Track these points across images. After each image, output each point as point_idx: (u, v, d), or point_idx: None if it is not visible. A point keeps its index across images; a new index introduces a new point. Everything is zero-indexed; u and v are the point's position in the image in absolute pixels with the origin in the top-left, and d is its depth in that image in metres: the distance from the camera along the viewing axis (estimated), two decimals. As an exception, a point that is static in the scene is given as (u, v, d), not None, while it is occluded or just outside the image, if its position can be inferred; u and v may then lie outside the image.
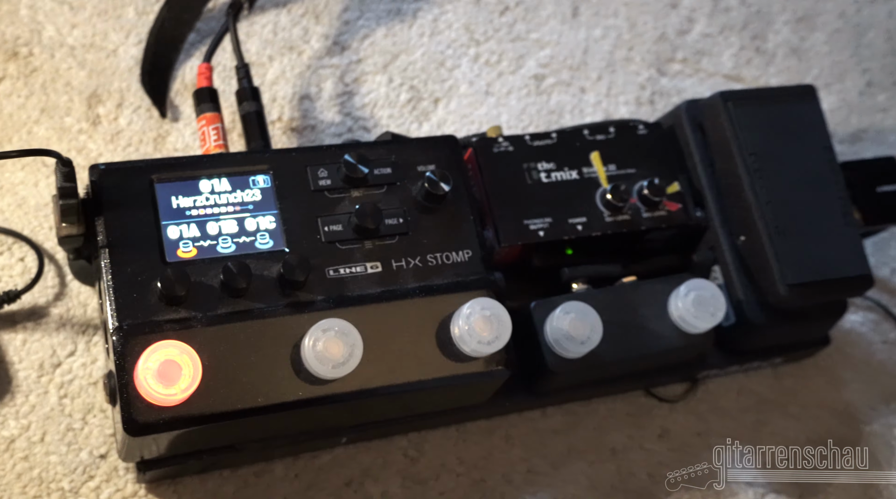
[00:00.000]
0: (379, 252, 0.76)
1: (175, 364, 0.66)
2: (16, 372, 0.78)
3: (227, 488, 0.79)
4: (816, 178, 0.88)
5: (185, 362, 0.67)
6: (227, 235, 0.74)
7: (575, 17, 1.07)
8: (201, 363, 0.67)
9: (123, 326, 0.68)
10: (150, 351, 0.66)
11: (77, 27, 0.91)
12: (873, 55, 1.17)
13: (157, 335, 0.69)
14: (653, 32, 1.09)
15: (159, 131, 0.89)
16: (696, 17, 1.12)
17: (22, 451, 0.76)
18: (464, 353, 0.74)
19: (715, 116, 0.88)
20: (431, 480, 0.84)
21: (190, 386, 0.67)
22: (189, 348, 0.67)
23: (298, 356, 0.70)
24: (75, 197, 0.70)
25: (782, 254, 0.84)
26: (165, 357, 0.66)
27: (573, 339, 0.78)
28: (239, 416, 0.69)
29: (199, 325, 0.70)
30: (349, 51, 0.98)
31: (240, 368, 0.70)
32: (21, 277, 0.81)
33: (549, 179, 0.85)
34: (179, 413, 0.67)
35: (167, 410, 0.67)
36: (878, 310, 1.03)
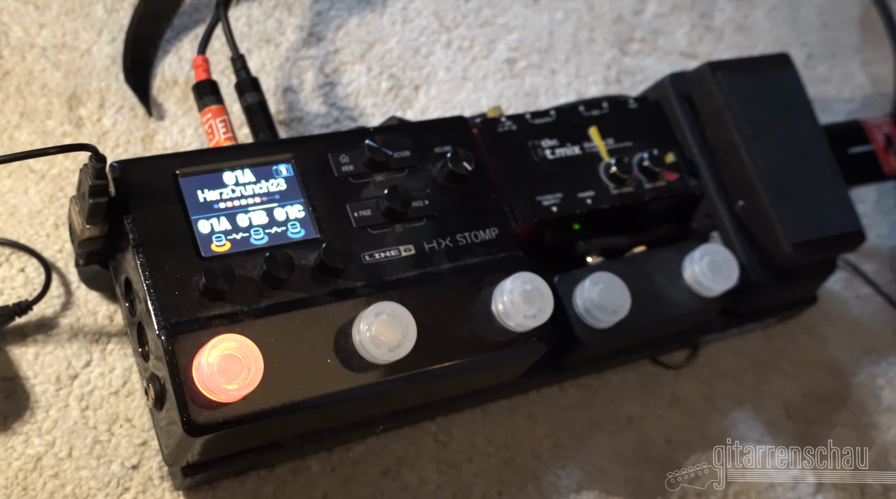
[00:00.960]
0: (410, 235, 0.75)
1: (236, 358, 0.64)
2: (32, 387, 0.74)
3: (266, 488, 0.76)
4: (804, 141, 0.91)
5: (245, 356, 0.64)
6: (258, 226, 0.71)
7: (537, 1, 1.08)
8: (262, 356, 0.65)
9: (170, 325, 0.65)
10: (210, 346, 0.64)
11: (45, 27, 0.87)
12: (809, 29, 1.22)
13: (207, 331, 0.66)
14: (610, 14, 1.11)
15: (146, 131, 0.85)
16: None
17: (51, 468, 0.72)
18: (507, 328, 0.74)
19: (704, 87, 0.90)
20: (465, 462, 0.83)
21: (253, 380, 0.64)
22: (249, 342, 0.65)
23: (349, 343, 0.69)
24: (106, 195, 0.66)
25: (784, 214, 0.86)
26: (226, 351, 0.64)
27: (604, 308, 0.79)
28: (301, 408, 0.67)
29: (246, 318, 0.67)
30: (325, 41, 0.96)
31: (294, 359, 0.68)
32: (24, 288, 0.76)
33: (553, 156, 0.86)
34: (241, 409, 0.65)
35: (228, 406, 0.65)
36: (847, 269, 1.07)
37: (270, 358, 0.66)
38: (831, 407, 0.99)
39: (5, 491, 0.70)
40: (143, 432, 0.75)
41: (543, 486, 0.85)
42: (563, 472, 0.86)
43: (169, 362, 0.65)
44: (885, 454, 0.99)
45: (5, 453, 0.71)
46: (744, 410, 0.95)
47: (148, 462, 0.74)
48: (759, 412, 0.95)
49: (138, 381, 0.77)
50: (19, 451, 0.72)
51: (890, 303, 1.08)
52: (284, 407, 0.66)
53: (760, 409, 0.96)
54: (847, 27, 1.26)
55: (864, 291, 1.08)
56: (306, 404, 0.67)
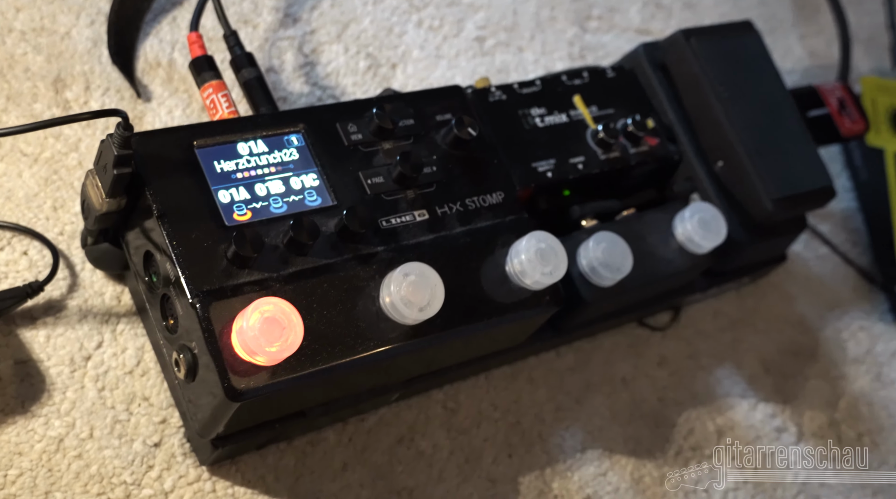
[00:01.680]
0: (422, 200, 0.76)
1: (276, 321, 0.64)
2: (47, 369, 0.72)
3: (286, 460, 0.76)
4: (773, 102, 0.95)
5: (285, 319, 0.64)
6: (276, 195, 0.71)
7: (498, -20, 1.10)
8: (301, 319, 0.65)
9: (202, 293, 0.65)
10: (252, 309, 0.63)
11: (22, 10, 0.85)
12: (749, 6, 1.28)
13: (240, 298, 0.66)
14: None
15: (134, 112, 0.84)
16: (600, -24, 1.17)
17: (74, 449, 0.70)
18: (523, 287, 0.75)
19: (679, 53, 0.93)
20: (473, 428, 0.84)
21: (293, 343, 0.64)
22: (288, 304, 0.65)
23: (376, 306, 0.69)
24: (130, 166, 0.66)
25: (763, 172, 0.90)
26: (267, 314, 0.63)
27: (609, 265, 0.81)
28: (337, 370, 0.67)
29: (276, 284, 0.67)
30: (301, 22, 0.96)
31: (327, 323, 0.68)
32: (29, 271, 0.75)
33: (543, 124, 0.88)
34: (280, 373, 0.65)
35: (266, 370, 0.65)
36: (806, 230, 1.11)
37: (306, 322, 0.66)
38: (803, 361, 1.03)
39: (31, 473, 0.69)
40: (162, 409, 0.74)
41: (549, 447, 0.86)
42: (567, 433, 0.87)
43: (205, 329, 0.64)
44: (855, 403, 1.04)
45: (27, 435, 0.70)
46: (726, 367, 0.98)
47: (169, 440, 0.73)
48: (740, 368, 0.99)
49: (152, 360, 0.75)
50: (40, 433, 0.70)
51: (846, 261, 1.13)
52: (322, 370, 0.67)
53: (741, 365, 0.99)
54: (782, 3, 1.31)
55: (822, 250, 1.12)
56: (342, 366, 0.67)
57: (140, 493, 0.71)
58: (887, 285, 1.13)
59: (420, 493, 0.80)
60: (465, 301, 0.73)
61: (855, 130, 1.07)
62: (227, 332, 0.65)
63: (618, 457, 0.88)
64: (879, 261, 1.14)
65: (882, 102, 1.19)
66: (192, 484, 0.73)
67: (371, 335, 0.69)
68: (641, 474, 0.89)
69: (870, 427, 1.03)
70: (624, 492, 0.87)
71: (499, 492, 0.82)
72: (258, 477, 0.75)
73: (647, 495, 0.88)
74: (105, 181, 0.67)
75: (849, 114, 1.07)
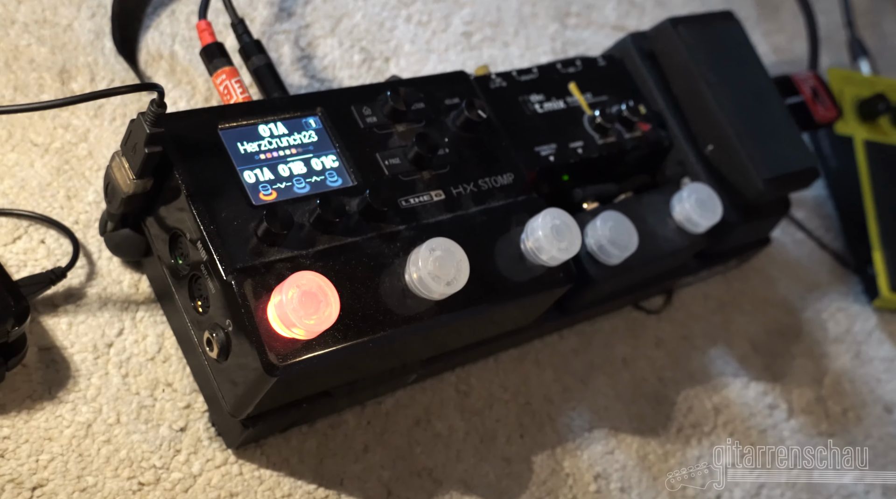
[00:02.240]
0: (437, 181, 0.77)
1: (314, 294, 0.64)
2: (70, 356, 0.72)
3: (309, 443, 0.76)
4: (757, 88, 0.98)
5: (322, 293, 0.65)
6: (298, 175, 0.72)
7: (480, -23, 1.12)
8: (337, 293, 0.65)
9: (236, 271, 0.65)
10: (290, 282, 0.64)
11: (23, 3, 0.84)
12: (715, 4, 1.31)
13: (273, 275, 0.66)
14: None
15: (140, 103, 0.84)
16: (575, -26, 1.20)
17: (102, 434, 0.70)
18: (539, 263, 0.77)
19: (668, 42, 0.96)
20: (486, 409, 0.85)
21: (331, 316, 0.65)
22: (325, 279, 0.65)
23: (402, 283, 0.70)
24: (161, 144, 0.66)
25: (753, 154, 0.92)
26: (305, 288, 0.64)
27: (617, 243, 0.83)
28: (371, 345, 0.68)
29: (306, 261, 0.68)
30: (296, 16, 0.97)
31: (358, 299, 0.69)
32: (47, 259, 0.74)
33: (542, 110, 0.90)
34: (316, 347, 0.65)
35: (303, 345, 0.65)
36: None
37: (344, 296, 0.67)
38: (789, 340, 1.06)
39: (62, 458, 0.68)
40: (185, 395, 0.74)
41: (559, 427, 0.88)
42: (574, 413, 0.89)
43: (242, 305, 0.65)
44: (838, 380, 1.07)
45: (55, 421, 0.69)
46: (718, 347, 1.01)
47: (194, 424, 0.73)
48: (731, 348, 1.02)
49: (172, 346, 0.75)
50: (69, 419, 0.69)
51: (821, 246, 1.17)
52: (355, 345, 0.67)
53: (731, 345, 1.02)
54: (745, 2, 1.36)
55: (799, 236, 1.16)
56: (375, 341, 0.68)
57: (169, 476, 0.71)
58: (860, 268, 1.17)
59: (440, 473, 0.80)
60: (486, 277, 0.75)
61: (828, 116, 1.10)
62: (262, 307, 0.65)
63: (623, 435, 0.90)
64: (851, 245, 1.18)
65: (848, 92, 1.23)
66: (220, 467, 0.73)
67: (399, 311, 0.70)
68: (646, 452, 0.90)
69: (853, 402, 1.06)
70: (631, 469, 0.89)
71: (514, 471, 0.84)
72: (283, 460, 0.75)
73: (653, 471, 0.90)
74: (135, 161, 0.67)
75: (822, 101, 1.10)
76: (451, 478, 0.81)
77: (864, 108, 1.23)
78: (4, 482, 0.66)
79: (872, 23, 1.51)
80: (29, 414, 0.69)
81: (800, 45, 1.35)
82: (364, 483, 0.77)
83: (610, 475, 0.88)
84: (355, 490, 0.77)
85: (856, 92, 1.24)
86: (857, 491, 1.00)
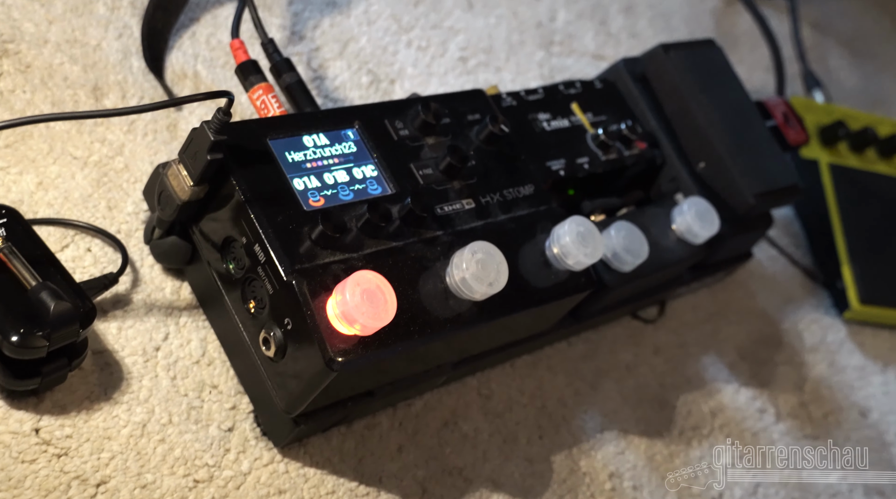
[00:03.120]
0: (467, 190, 0.81)
1: (374, 293, 0.67)
2: (122, 359, 0.73)
3: (348, 443, 0.79)
4: (741, 109, 1.05)
5: (382, 291, 0.68)
6: (342, 183, 0.75)
7: (471, 8, 1.17)
8: (394, 291, 0.69)
9: (295, 271, 0.68)
10: (352, 280, 0.67)
11: (54, 23, 0.86)
12: (681, 36, 1.38)
13: (330, 275, 0.69)
14: (531, 20, 1.22)
15: (169, 120, 0.87)
16: (556, 7, 1.26)
17: (157, 433, 0.72)
18: (565, 268, 0.81)
19: (660, 65, 1.02)
20: (506, 412, 0.89)
21: (389, 313, 0.68)
22: (383, 278, 0.68)
23: (444, 284, 0.74)
24: (222, 151, 0.69)
25: (742, 170, 0.98)
26: (366, 286, 0.67)
27: (631, 250, 0.87)
28: (421, 343, 0.71)
29: (358, 263, 0.71)
30: (306, 40, 1.00)
31: (408, 299, 0.72)
32: (94, 267, 0.76)
33: (549, 127, 0.94)
34: (374, 344, 0.68)
35: (361, 342, 0.68)
36: (757, 233, 1.22)
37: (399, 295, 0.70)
38: (771, 349, 1.12)
39: (122, 456, 0.70)
40: (231, 396, 0.76)
41: (573, 429, 0.91)
42: (587, 415, 0.93)
43: (303, 303, 0.67)
44: (817, 387, 1.13)
45: (113, 421, 0.71)
46: (710, 355, 1.06)
47: (241, 425, 0.75)
48: (721, 356, 1.07)
49: (216, 350, 0.77)
50: (125, 419, 0.71)
51: (792, 262, 1.23)
52: (408, 343, 0.71)
53: (721, 353, 1.07)
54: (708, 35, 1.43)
55: (772, 252, 1.22)
56: (425, 339, 0.72)
57: (221, 474, 0.73)
58: (829, 283, 1.23)
59: (469, 472, 0.83)
60: (517, 280, 0.78)
61: (799, 139, 1.17)
62: (321, 305, 0.68)
63: (631, 437, 0.94)
64: (820, 261, 1.25)
65: (810, 120, 1.31)
66: (267, 465, 0.75)
67: (443, 311, 0.73)
68: (653, 453, 0.95)
69: (832, 407, 1.12)
70: (641, 469, 0.93)
71: (536, 470, 0.87)
72: (325, 459, 0.77)
73: (661, 471, 0.94)
74: (195, 168, 0.69)
75: (792, 126, 1.17)
76: (480, 477, 0.84)
77: (825, 133, 1.31)
78: (70, 479, 0.67)
79: (820, 57, 1.60)
80: (88, 414, 0.70)
81: (758, 76, 1.43)
82: (401, 481, 0.80)
83: (623, 474, 0.92)
84: (393, 488, 0.79)
85: (816, 119, 1.32)
86: (842, 489, 1.06)
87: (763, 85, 1.41)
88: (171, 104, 0.68)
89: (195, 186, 0.70)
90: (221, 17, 0.96)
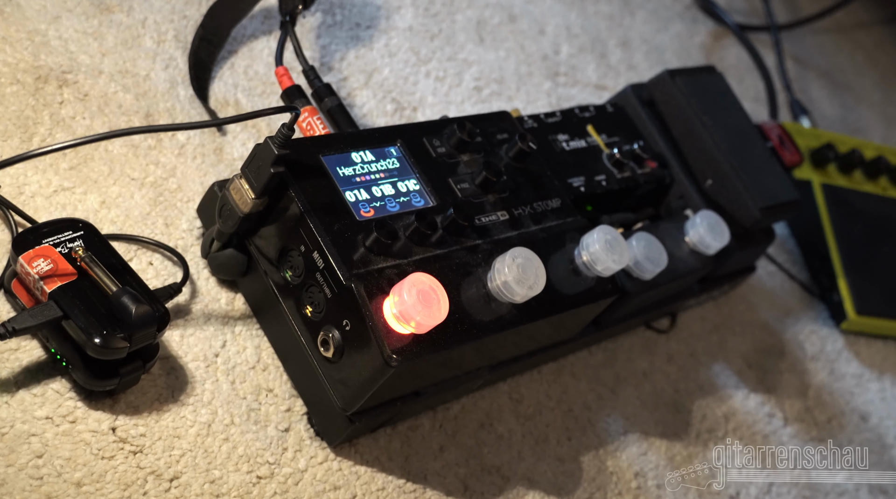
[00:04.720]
0: (501, 203, 0.87)
1: (427, 293, 0.73)
2: (185, 364, 0.78)
3: (394, 443, 0.84)
4: (743, 130, 1.11)
5: (435, 292, 0.73)
6: (388, 196, 0.81)
7: (482, 41, 1.23)
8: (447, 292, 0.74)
9: (353, 276, 0.73)
10: (409, 282, 0.72)
11: (107, 55, 0.92)
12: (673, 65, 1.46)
13: (385, 279, 0.74)
14: (537, 53, 1.28)
15: (215, 144, 0.92)
16: (559, 41, 1.33)
17: (221, 433, 0.76)
18: (594, 274, 0.86)
19: (666, 90, 1.09)
20: (536, 415, 0.94)
21: (443, 313, 0.73)
22: (436, 280, 0.74)
23: (486, 288, 0.79)
24: (284, 165, 0.74)
25: (748, 186, 1.05)
26: (421, 287, 0.72)
27: (651, 259, 0.93)
28: (469, 343, 0.76)
29: (410, 268, 0.76)
30: (334, 70, 1.06)
31: (455, 301, 0.77)
32: (157, 279, 0.81)
33: (569, 148, 1.00)
34: (428, 342, 0.73)
35: (417, 341, 0.73)
36: (756, 251, 1.28)
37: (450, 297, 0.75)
38: (775, 358, 1.18)
39: (191, 454, 0.74)
40: (285, 399, 0.81)
41: (598, 431, 0.96)
42: (610, 419, 0.98)
43: (363, 305, 0.72)
44: (820, 393, 1.19)
45: (181, 421, 0.75)
46: (719, 363, 1.12)
47: (296, 426, 0.80)
48: (730, 364, 1.13)
49: (269, 356, 0.82)
50: (191, 419, 0.75)
51: (790, 277, 1.30)
52: (458, 340, 0.76)
53: (730, 362, 1.13)
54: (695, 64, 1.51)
55: (770, 268, 1.29)
56: (473, 338, 0.77)
57: (281, 471, 0.77)
58: (825, 296, 1.30)
59: (507, 470, 0.88)
60: (551, 285, 0.84)
61: (794, 160, 1.24)
62: (378, 307, 0.73)
63: (652, 439, 1.00)
64: (815, 276, 1.32)
65: (801, 143, 1.38)
66: (322, 464, 0.79)
67: (487, 313, 0.79)
68: (673, 454, 1.00)
69: (835, 412, 1.18)
70: (663, 468, 0.98)
71: (567, 469, 0.92)
72: (374, 458, 0.82)
73: (682, 471, 0.99)
74: (258, 181, 0.74)
75: (787, 148, 1.25)
76: (516, 475, 0.89)
77: (815, 156, 1.38)
78: (146, 474, 0.71)
79: (803, 89, 1.68)
80: (158, 415, 0.74)
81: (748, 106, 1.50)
82: (444, 479, 0.85)
83: (647, 474, 0.97)
84: (438, 485, 0.84)
85: (806, 143, 1.39)
86: (848, 488, 1.11)
87: (753, 113, 1.48)
88: (243, 118, 0.74)
89: (257, 198, 0.75)
90: (257, 49, 1.02)
